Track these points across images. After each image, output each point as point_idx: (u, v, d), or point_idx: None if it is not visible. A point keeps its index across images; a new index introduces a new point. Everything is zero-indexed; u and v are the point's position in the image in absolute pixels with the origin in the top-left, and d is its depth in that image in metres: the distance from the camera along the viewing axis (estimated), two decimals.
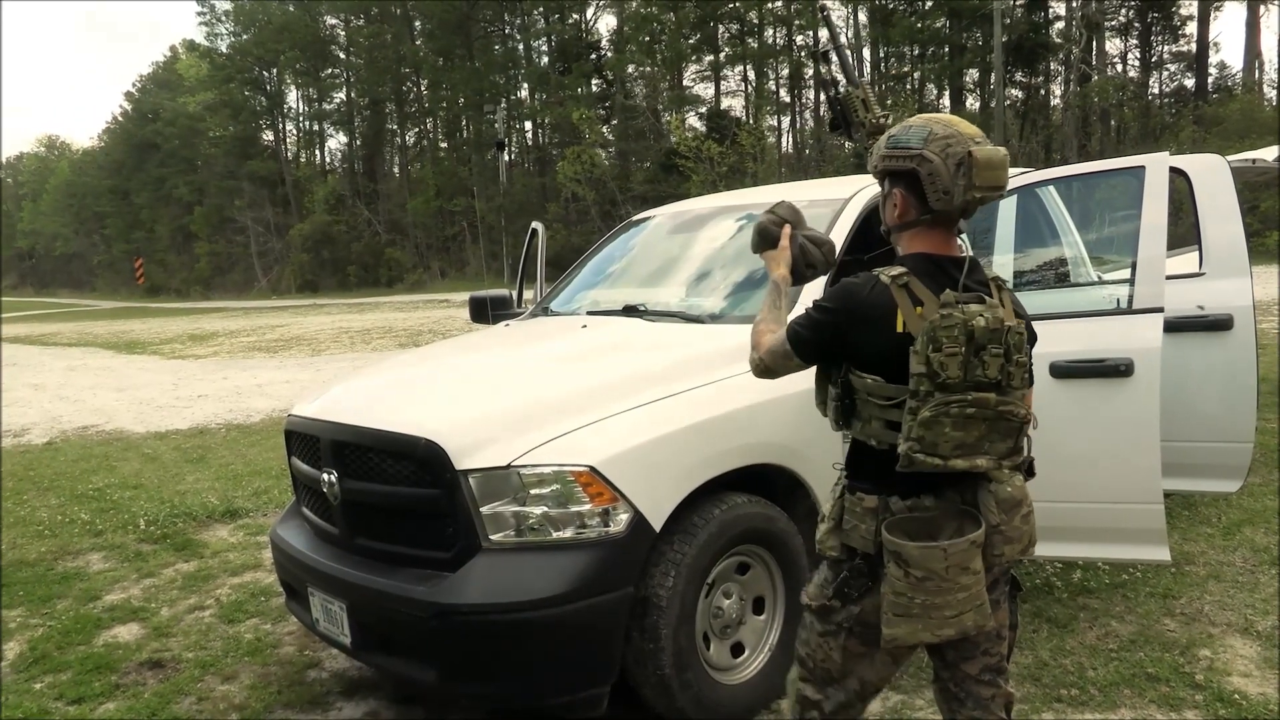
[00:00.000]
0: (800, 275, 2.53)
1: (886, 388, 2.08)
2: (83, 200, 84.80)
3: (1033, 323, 2.22)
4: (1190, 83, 37.01)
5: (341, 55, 61.57)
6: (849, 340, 2.13)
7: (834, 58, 2.57)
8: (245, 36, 62.79)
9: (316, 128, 65.63)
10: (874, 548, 2.14)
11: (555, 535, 3.01)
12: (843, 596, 2.21)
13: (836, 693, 2.29)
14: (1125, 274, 3.88)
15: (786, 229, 2.52)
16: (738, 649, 3.38)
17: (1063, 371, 3.42)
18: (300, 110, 65.66)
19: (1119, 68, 38.65)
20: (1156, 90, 38.66)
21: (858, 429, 2.18)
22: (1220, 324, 3.95)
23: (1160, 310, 3.35)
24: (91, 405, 13.05)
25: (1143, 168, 3.53)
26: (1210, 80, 35.94)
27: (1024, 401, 2.15)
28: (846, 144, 41.46)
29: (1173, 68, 38.69)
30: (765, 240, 2.55)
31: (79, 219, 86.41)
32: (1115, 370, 3.34)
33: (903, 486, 2.12)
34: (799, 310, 2.37)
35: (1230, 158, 4.22)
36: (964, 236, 3.22)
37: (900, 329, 2.04)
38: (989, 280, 2.14)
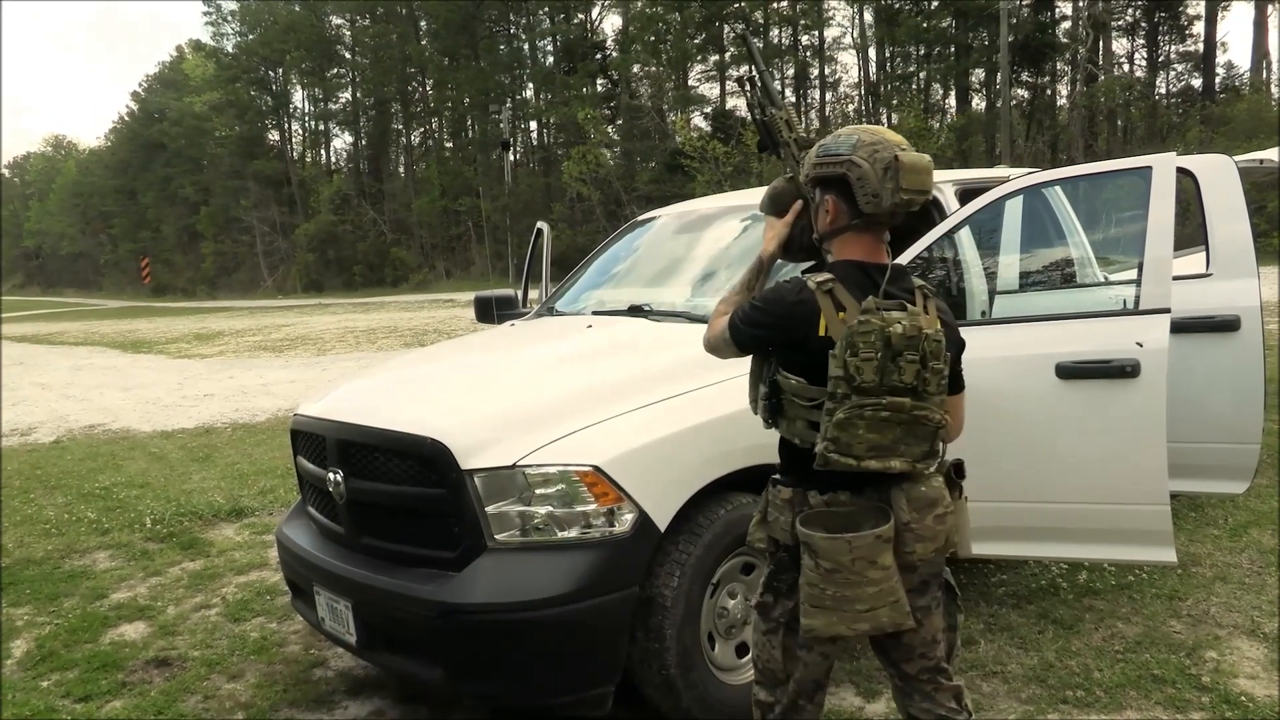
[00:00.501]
0: (793, 253, 2.49)
1: (809, 389, 2.17)
2: (89, 200, 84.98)
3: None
4: (1197, 83, 36.92)
5: (347, 55, 61.65)
6: (775, 341, 2.23)
7: (758, 82, 2.65)
8: (251, 36, 62.88)
9: (322, 127, 65.74)
10: (793, 539, 2.23)
11: (560, 535, 3.01)
12: (773, 590, 2.33)
13: (783, 694, 2.39)
14: (1131, 274, 3.87)
15: (798, 204, 2.46)
16: (742, 649, 3.37)
17: (1069, 372, 3.42)
18: (306, 110, 65.80)
19: (1126, 67, 38.56)
20: (1163, 90, 38.58)
21: (784, 428, 2.27)
22: (1227, 325, 3.94)
23: (1167, 311, 3.34)
24: (98, 404, 13.08)
25: (1149, 168, 3.52)
26: (1217, 80, 35.86)
27: (949, 407, 2.24)
28: None
29: (1180, 67, 38.61)
30: (775, 204, 2.51)
31: (85, 218, 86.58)
32: (1121, 371, 3.33)
33: (821, 482, 2.20)
34: None
35: (1237, 158, 4.20)
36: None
37: (823, 333, 2.12)
38: (915, 289, 2.21)
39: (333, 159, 66.64)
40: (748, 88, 2.61)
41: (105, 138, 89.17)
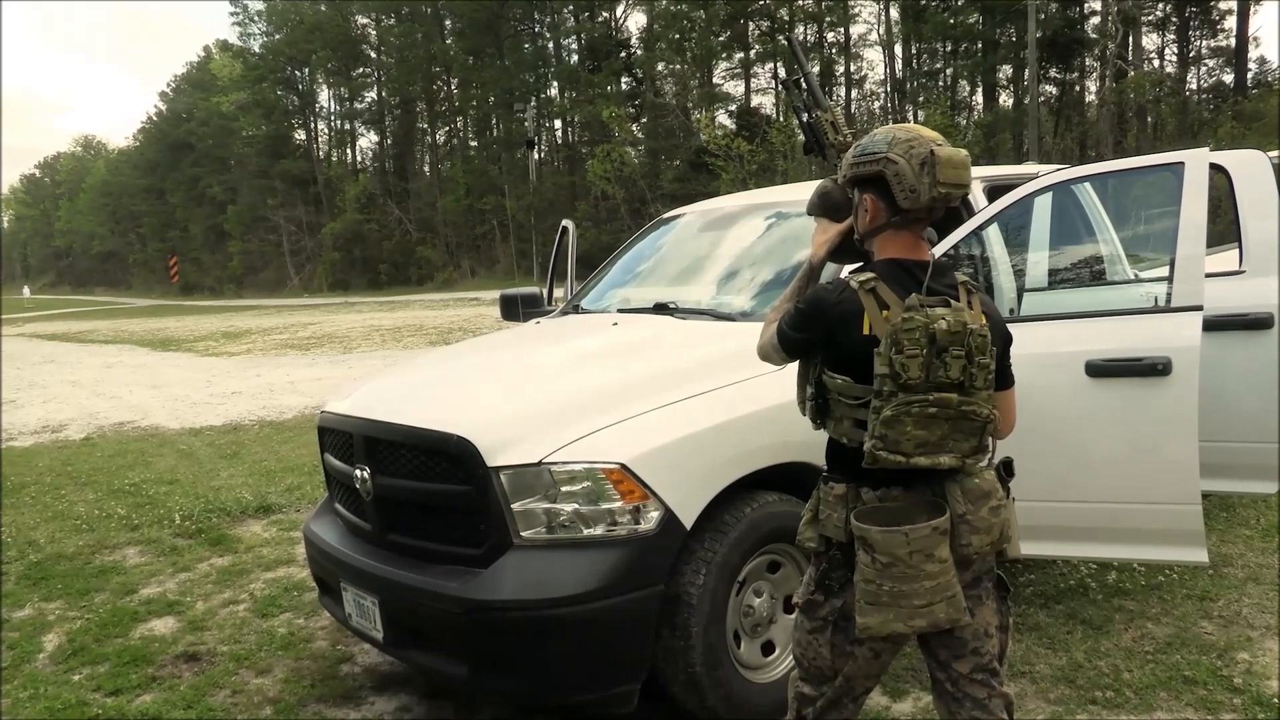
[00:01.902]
0: (842, 257, 2.46)
1: (855, 388, 2.16)
2: (118, 199, 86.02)
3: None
4: (1229, 78, 36.44)
5: (373, 54, 62.03)
6: (821, 342, 2.22)
7: (804, 84, 2.65)
8: (278, 36, 63.47)
9: (348, 127, 66.22)
10: (845, 536, 2.21)
11: (586, 532, 3.01)
12: (824, 589, 2.30)
13: (829, 690, 2.36)
14: (1162, 271, 3.82)
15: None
16: (768, 647, 3.36)
17: (1099, 370, 3.38)
18: (332, 109, 66.35)
19: (1156, 63, 38.14)
20: (1194, 86, 38.11)
21: (831, 427, 2.27)
22: (1260, 323, 3.89)
23: (1199, 308, 3.30)
24: (128, 402, 13.23)
25: (1182, 164, 3.48)
26: (1250, 75, 35.35)
27: (997, 403, 2.22)
28: None
29: (1211, 63, 38.13)
30: (824, 205, 2.45)
31: (115, 218, 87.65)
32: (1153, 369, 3.29)
33: (873, 479, 2.19)
34: None
35: (1271, 153, 4.14)
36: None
37: (867, 331, 2.12)
38: (958, 284, 2.20)
39: (358, 158, 67.20)
40: (795, 90, 2.60)
41: (134, 138, 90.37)
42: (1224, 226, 4.58)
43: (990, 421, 2.17)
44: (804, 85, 2.63)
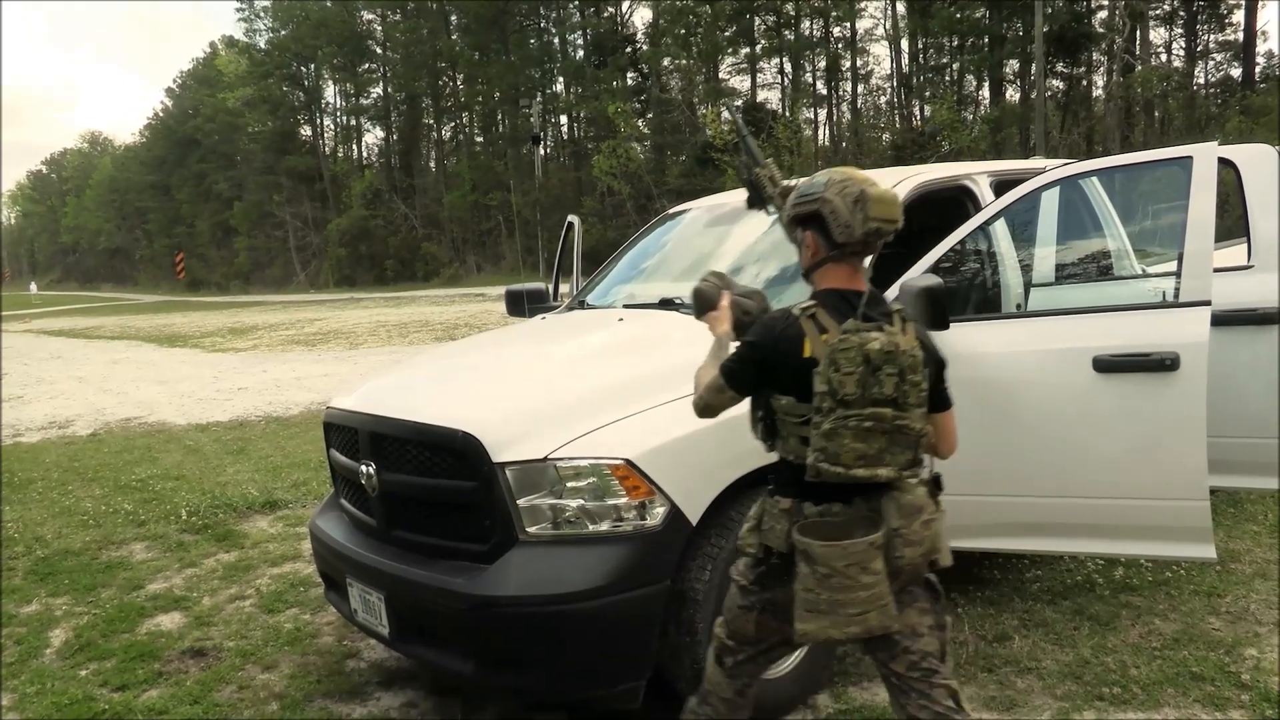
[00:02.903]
0: (742, 327, 2.70)
1: (798, 407, 2.32)
2: (125, 196, 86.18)
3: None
4: (1237, 72, 36.26)
5: (378, 50, 62.03)
6: (768, 366, 2.38)
7: (744, 146, 2.90)
8: (283, 32, 63.45)
9: (353, 123, 66.21)
10: (786, 547, 2.35)
11: (592, 528, 3.01)
12: (760, 583, 2.48)
13: (749, 648, 2.58)
14: (1170, 267, 3.80)
15: (725, 294, 2.76)
16: None
17: (1106, 366, 3.36)
18: (337, 105, 66.29)
19: (1163, 57, 37.98)
20: (1202, 80, 37.93)
21: (779, 447, 2.43)
22: (1269, 318, 3.87)
23: (1208, 303, 3.28)
24: (134, 397, 13.25)
25: (1190, 158, 3.46)
26: (1258, 69, 35.18)
27: (937, 424, 2.43)
28: (885, 136, 41.12)
29: (1219, 57, 37.93)
30: (705, 303, 2.80)
31: (121, 214, 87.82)
32: (1161, 364, 3.27)
33: (816, 495, 2.33)
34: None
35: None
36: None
37: (807, 354, 2.29)
38: (892, 312, 2.35)
39: (364, 154, 67.20)
40: (738, 152, 2.76)
41: (140, 134, 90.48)
42: (1231, 222, 4.56)
43: (923, 435, 2.31)
44: (744, 147, 2.90)
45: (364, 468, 3.48)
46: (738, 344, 2.52)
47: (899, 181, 4.22)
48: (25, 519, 6.73)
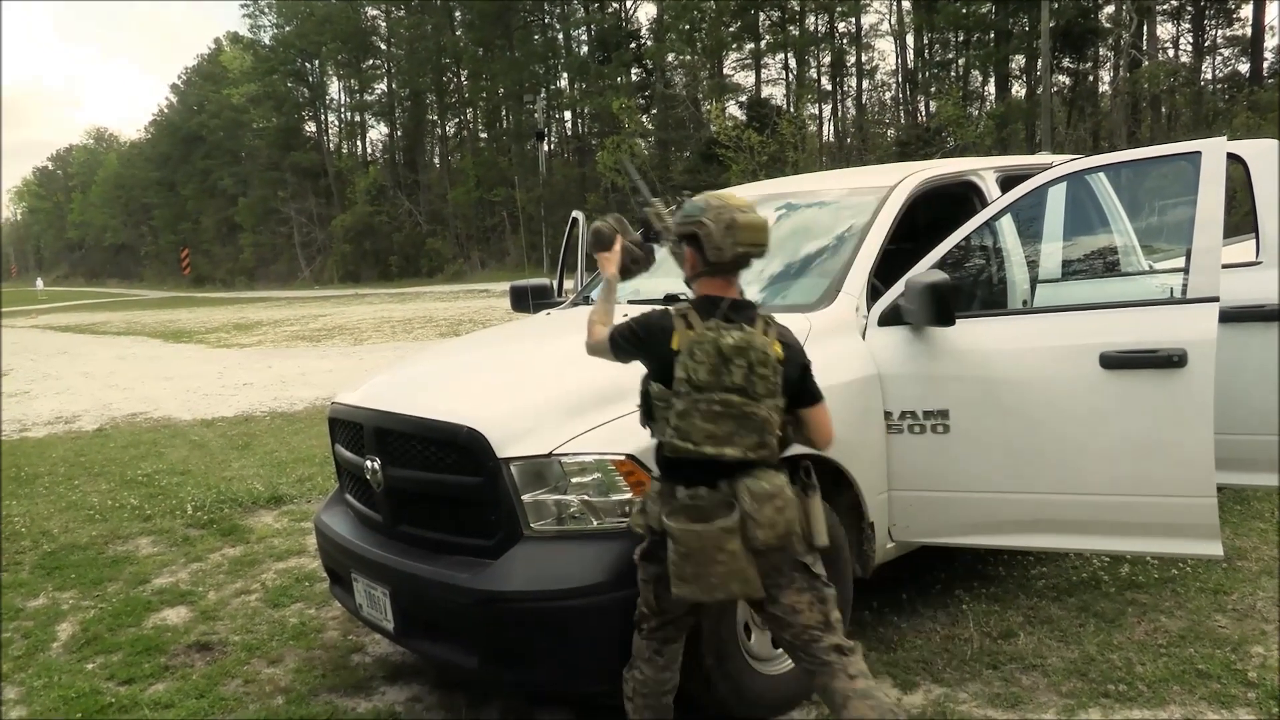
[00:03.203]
0: (627, 272, 3.11)
1: (666, 393, 2.60)
2: (131, 192, 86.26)
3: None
4: (1245, 67, 36.11)
5: (382, 46, 61.98)
6: (644, 350, 2.70)
7: (639, 189, 3.22)
8: (288, 28, 63.42)
9: (358, 119, 66.16)
10: (660, 526, 2.62)
11: (596, 524, 3.01)
12: (648, 560, 2.73)
13: (657, 617, 2.80)
14: (1178, 263, 3.79)
15: (620, 238, 3.09)
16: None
17: (1114, 362, 3.35)
18: (342, 101, 66.24)
19: (1171, 53, 37.84)
20: (1209, 76, 37.78)
21: (655, 430, 2.69)
22: (1277, 314, 3.85)
23: (1216, 300, 3.26)
24: (140, 393, 13.28)
25: (1199, 153, 3.44)
26: (1266, 65, 35.02)
27: (807, 418, 2.72)
28: (889, 132, 41.03)
29: (1226, 52, 37.76)
30: (600, 242, 3.12)
31: (127, 210, 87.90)
32: (1168, 361, 3.26)
33: (686, 478, 2.60)
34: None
35: None
36: None
37: (675, 346, 2.58)
38: (756, 317, 2.65)
39: (368, 150, 67.18)
40: (635, 195, 3.14)
41: (146, 130, 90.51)
42: (1239, 218, 4.54)
43: (769, 421, 2.55)
44: (636, 188, 3.22)
45: (369, 463, 3.48)
46: (629, 319, 2.79)
47: (904, 178, 4.21)
48: (32, 513, 6.75)
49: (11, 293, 74.96)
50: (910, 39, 43.47)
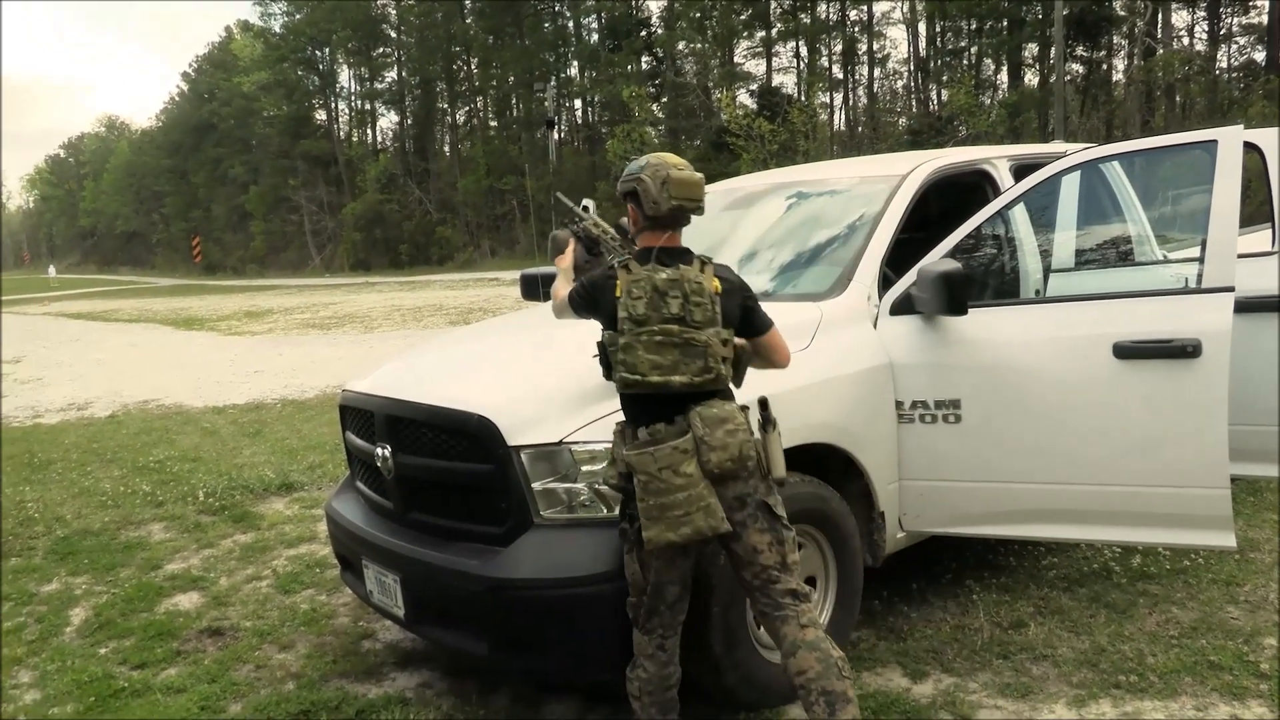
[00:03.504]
0: (579, 269, 3.33)
1: (613, 335, 2.75)
2: (142, 180, 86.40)
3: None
4: (1261, 56, 35.76)
5: (393, 34, 61.90)
6: (593, 301, 2.86)
7: (574, 212, 3.40)
8: (298, 16, 63.34)
9: (368, 107, 66.11)
10: (626, 469, 2.72)
11: (606, 512, 3.01)
12: (627, 517, 2.80)
13: (648, 599, 2.84)
14: (1192, 252, 3.76)
15: (572, 240, 3.39)
16: None
17: (1127, 352, 3.33)
18: (352, 90, 66.19)
19: (1185, 41, 37.52)
20: (1225, 64, 37.45)
21: (612, 377, 2.80)
22: (1276, 304, 3.83)
23: (1231, 290, 3.24)
24: (152, 380, 13.33)
25: (1215, 142, 3.41)
26: None
27: (760, 345, 2.88)
28: (901, 121, 40.84)
29: (1242, 41, 37.39)
30: (556, 247, 3.46)
31: (139, 198, 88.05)
32: (1182, 351, 3.24)
33: (646, 418, 2.72)
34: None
35: None
36: None
37: (618, 294, 2.74)
38: (694, 259, 2.80)
39: (379, 138, 67.11)
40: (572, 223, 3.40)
41: (157, 118, 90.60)
42: (1253, 208, 4.51)
43: (710, 346, 2.66)
44: (564, 211, 3.42)
45: (380, 450, 3.48)
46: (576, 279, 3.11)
47: (916, 166, 4.19)
48: (45, 499, 6.79)
49: (24, 280, 75.33)
50: (922, 27, 43.17)
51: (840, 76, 46.55)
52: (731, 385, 2.82)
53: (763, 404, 2.84)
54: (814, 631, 2.75)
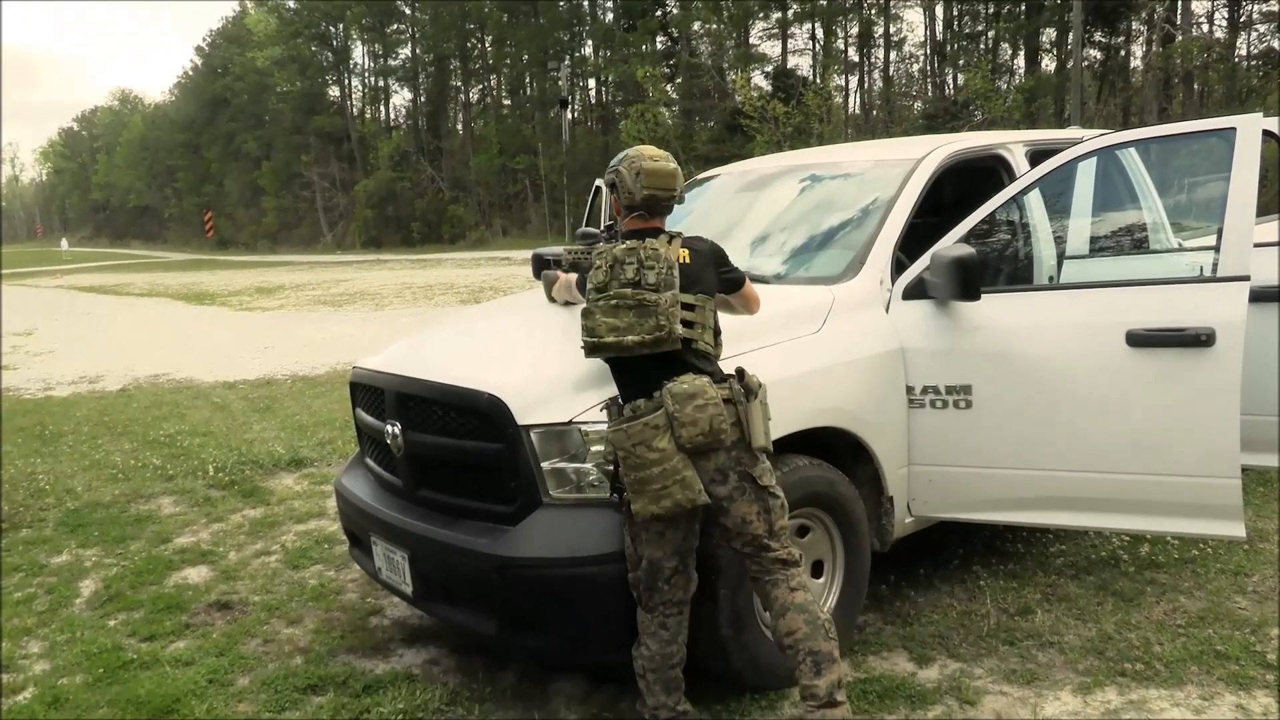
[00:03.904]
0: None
1: (584, 308, 2.90)
2: (155, 154, 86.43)
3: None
4: None
5: (407, 11, 61.60)
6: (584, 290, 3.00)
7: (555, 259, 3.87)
8: None
9: (382, 84, 65.95)
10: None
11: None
12: (616, 490, 2.91)
13: (643, 573, 2.91)
14: (1207, 241, 3.73)
15: (559, 274, 3.74)
16: None
17: (1140, 340, 3.31)
18: (366, 66, 66.04)
19: (1205, 28, 37.13)
20: (1244, 52, 37.06)
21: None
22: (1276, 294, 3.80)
23: (1246, 279, 3.21)
24: (163, 354, 13.38)
25: (1234, 129, 3.37)
26: None
27: (736, 299, 3.16)
28: (916, 105, 40.57)
29: (1262, 28, 36.97)
30: (550, 281, 3.84)
31: (151, 172, 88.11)
32: (1196, 340, 3.22)
33: (630, 395, 2.85)
34: None
35: None
36: None
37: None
38: (662, 234, 2.97)
39: (392, 116, 66.96)
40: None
41: (170, 92, 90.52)
42: (1268, 197, 4.46)
43: (661, 306, 2.77)
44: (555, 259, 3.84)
45: (390, 428, 3.49)
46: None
47: (932, 150, 4.16)
48: (56, 471, 6.83)
49: (37, 253, 75.54)
50: (939, 10, 42.81)
51: (856, 59, 46.24)
52: (712, 353, 2.95)
53: (739, 374, 2.91)
54: (802, 595, 2.86)
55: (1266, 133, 3.64)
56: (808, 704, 2.78)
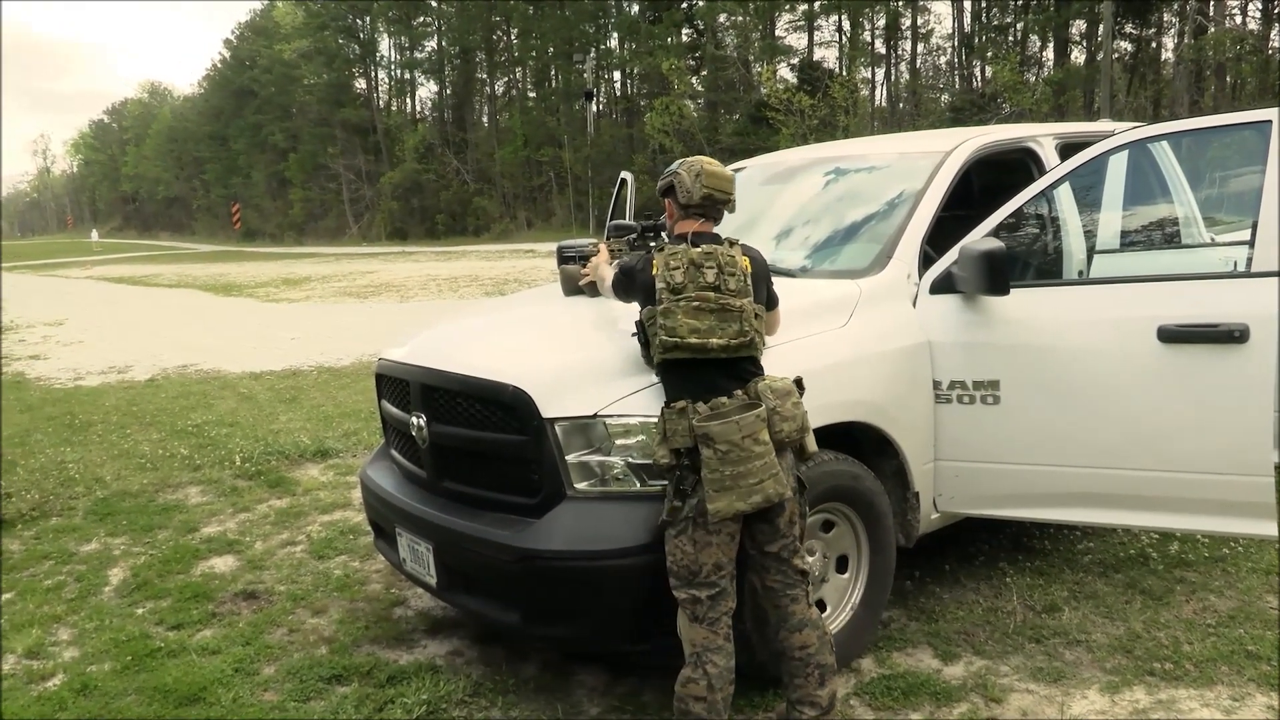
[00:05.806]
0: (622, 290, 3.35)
1: (652, 309, 2.89)
2: (184, 146, 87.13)
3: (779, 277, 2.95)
4: None
5: (433, 3, 61.74)
6: (633, 283, 3.06)
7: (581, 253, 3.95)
8: None
9: (408, 76, 66.20)
10: (691, 441, 2.78)
11: (639, 486, 3.00)
12: (680, 494, 2.83)
13: (702, 587, 2.82)
14: (1241, 235, 3.68)
15: (591, 261, 3.71)
16: (820, 606, 3.34)
17: (1172, 336, 3.26)
18: (392, 59, 66.26)
19: (1238, 19, 36.61)
20: (1278, 44, 36.50)
21: (651, 352, 2.92)
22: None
23: None
24: (190, 345, 13.49)
25: (1269, 122, 3.31)
26: None
27: (768, 317, 3.02)
28: (943, 97, 40.25)
29: None
30: (569, 284, 3.97)
31: (180, 164, 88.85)
32: (1229, 336, 3.17)
33: (704, 395, 2.81)
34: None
35: None
36: None
37: (655, 272, 2.91)
38: (724, 239, 3.00)
39: (418, 108, 67.23)
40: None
41: (199, 84, 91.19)
42: None
43: (744, 311, 2.83)
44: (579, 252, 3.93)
45: (415, 419, 3.50)
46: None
47: (961, 143, 4.12)
48: (85, 460, 6.91)
49: (67, 244, 76.43)
50: (967, 2, 42.46)
51: (883, 51, 45.93)
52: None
53: (799, 383, 2.94)
54: (815, 610, 2.95)
55: None
56: (807, 710, 2.89)
